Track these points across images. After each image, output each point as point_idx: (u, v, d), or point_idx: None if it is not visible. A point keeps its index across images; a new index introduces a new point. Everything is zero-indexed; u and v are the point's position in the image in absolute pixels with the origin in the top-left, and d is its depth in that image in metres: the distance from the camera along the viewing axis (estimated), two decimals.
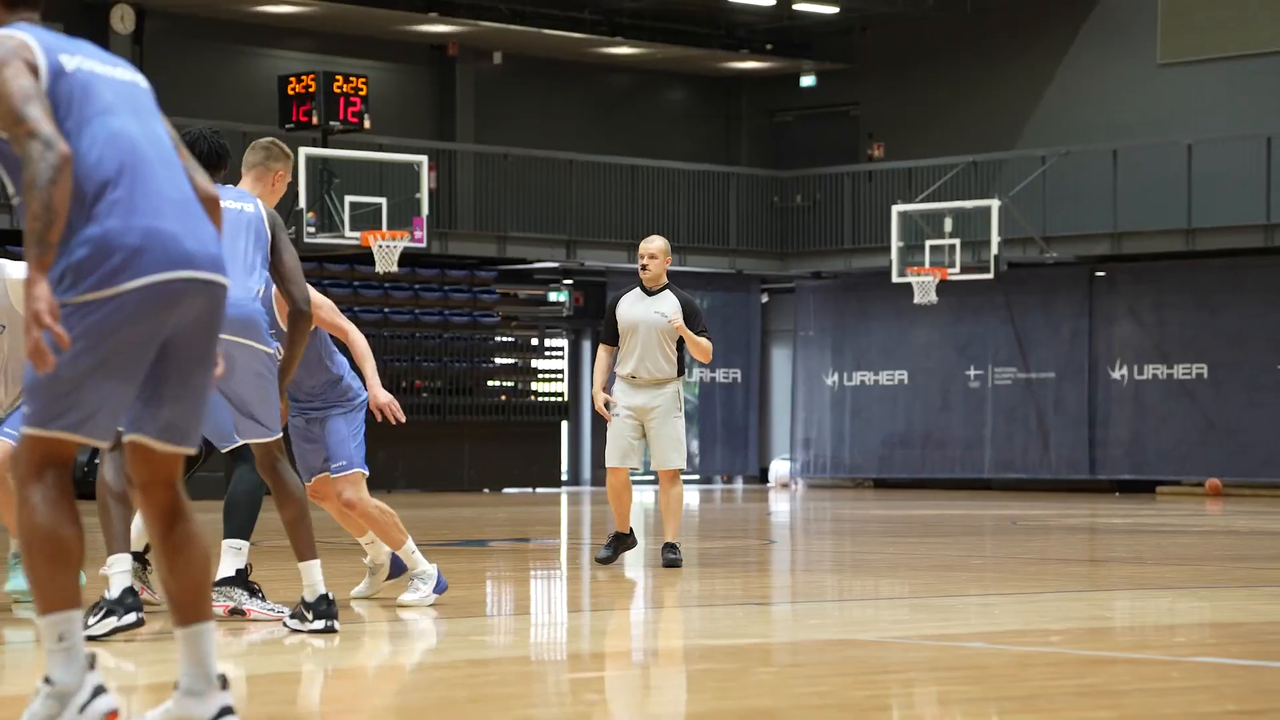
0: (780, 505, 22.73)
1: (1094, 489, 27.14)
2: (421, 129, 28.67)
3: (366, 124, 23.65)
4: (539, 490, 27.03)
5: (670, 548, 11.06)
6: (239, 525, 7.89)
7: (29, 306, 4.11)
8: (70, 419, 4.24)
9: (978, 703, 5.65)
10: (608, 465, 11.11)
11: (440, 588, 8.37)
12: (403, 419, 8.55)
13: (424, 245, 23.37)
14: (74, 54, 4.34)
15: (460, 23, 27.73)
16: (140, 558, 7.75)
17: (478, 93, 29.39)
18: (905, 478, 28.91)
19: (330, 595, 7.20)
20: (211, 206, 4.45)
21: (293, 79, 23.67)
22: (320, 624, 7.13)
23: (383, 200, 23.09)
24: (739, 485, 29.86)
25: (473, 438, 26.56)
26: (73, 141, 4.24)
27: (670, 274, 11.54)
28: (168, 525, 4.38)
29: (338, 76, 23.65)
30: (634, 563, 11.89)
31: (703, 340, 11.12)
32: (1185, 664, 6.62)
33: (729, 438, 30.12)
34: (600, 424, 33.18)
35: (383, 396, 8.43)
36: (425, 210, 23.34)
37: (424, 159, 23.60)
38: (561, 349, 29.67)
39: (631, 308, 11.16)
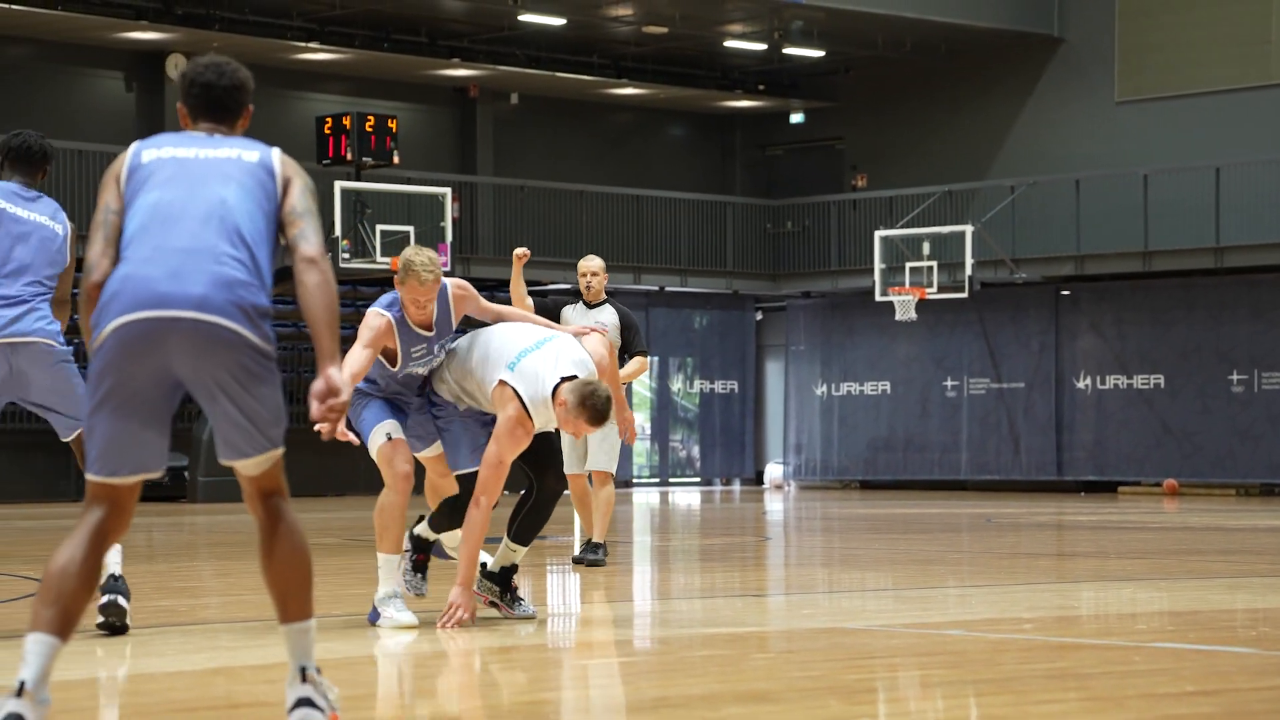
0: (774, 505, 22.68)
1: (1061, 489, 27.07)
2: (446, 163, 28.68)
3: (396, 159, 23.67)
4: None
5: (593, 547, 10.57)
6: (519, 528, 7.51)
7: None
8: (90, 460, 4.23)
9: (956, 685, 5.61)
10: (565, 473, 10.82)
11: None
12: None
13: (448, 269, 23.38)
14: (163, 147, 4.42)
15: (480, 67, 27.75)
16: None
17: (496, 130, 29.40)
18: (888, 479, 28.85)
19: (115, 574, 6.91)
20: (305, 265, 4.30)
21: (329, 119, 23.69)
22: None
23: (411, 228, 23.09)
24: (736, 487, 29.81)
25: None
26: (127, 219, 4.35)
27: (672, 294, 11.41)
28: (264, 532, 4.34)
29: (370, 116, 23.67)
30: (641, 559, 11.85)
31: (629, 368, 10.62)
32: (1146, 649, 6.58)
33: (727, 443, 30.07)
34: None
35: None
36: (449, 237, 23.34)
37: (448, 190, 23.60)
38: None
39: (575, 320, 10.80)
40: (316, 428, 4.37)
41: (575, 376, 7.14)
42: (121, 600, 6.78)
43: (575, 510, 10.90)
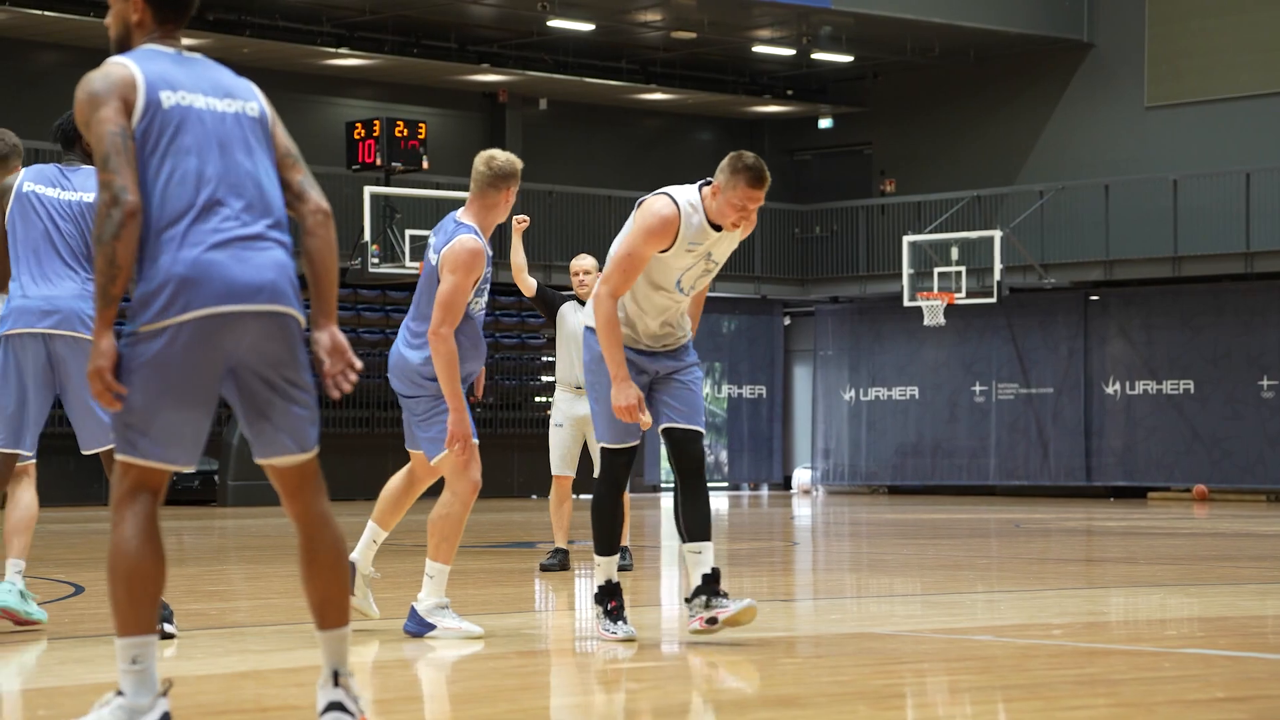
0: (802, 510, 22.65)
1: (1090, 494, 26.97)
2: None
3: (425, 164, 23.71)
4: (581, 496, 26.99)
5: (621, 552, 10.47)
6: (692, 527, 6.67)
7: (92, 361, 4.10)
8: (144, 447, 4.15)
9: (985, 691, 5.59)
10: (555, 473, 10.55)
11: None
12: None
13: None
14: (177, 89, 4.24)
15: (509, 72, 27.78)
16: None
17: (525, 135, 29.43)
18: (916, 484, 28.78)
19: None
20: (323, 218, 4.32)
21: (359, 124, 23.75)
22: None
23: None
24: (764, 492, 29.77)
25: (521, 448, 26.55)
26: (151, 175, 4.17)
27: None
28: (302, 534, 4.29)
29: (399, 122, 23.73)
30: (670, 561, 11.84)
31: None
32: (1176, 655, 6.55)
33: (755, 448, 30.04)
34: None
35: None
36: None
37: None
38: None
39: (574, 317, 10.70)
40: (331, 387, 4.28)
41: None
42: (169, 627, 6.78)
43: (551, 512, 10.66)
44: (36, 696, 5.59)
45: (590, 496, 7.04)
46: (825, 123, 31.30)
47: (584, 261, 10.83)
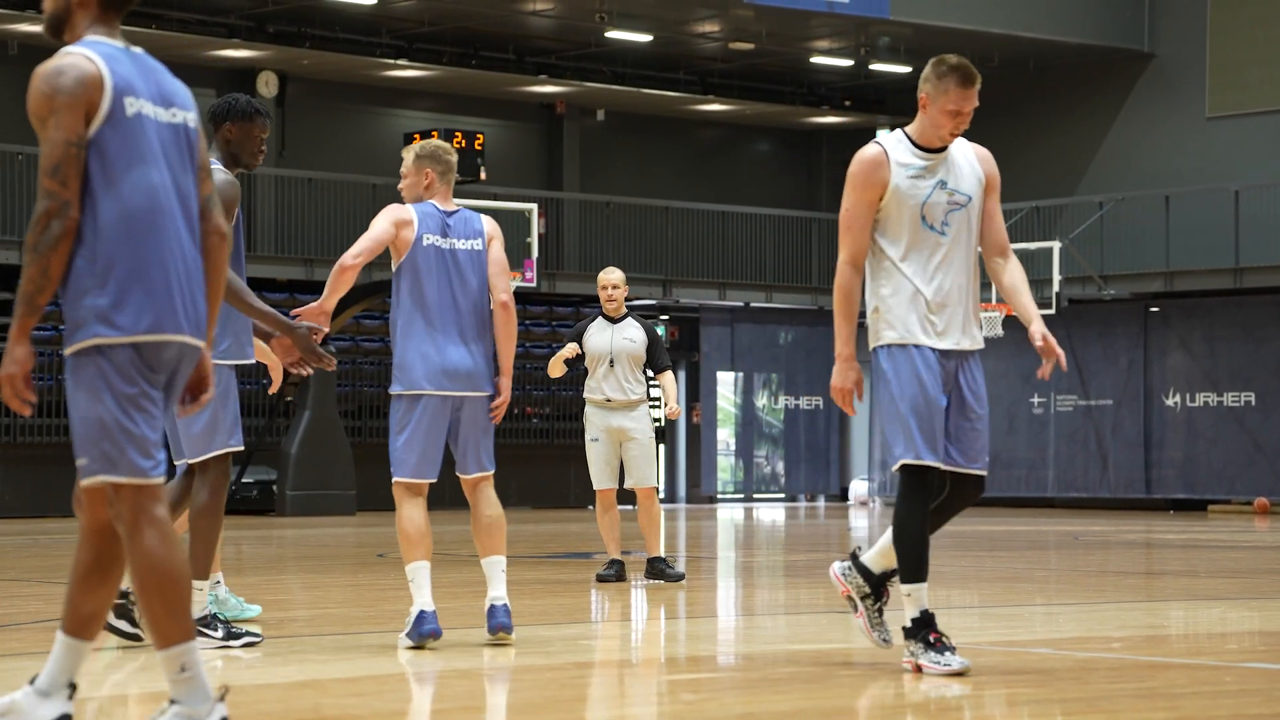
0: (859, 521, 22.57)
1: (1150, 507, 26.77)
2: (532, 179, 28.80)
3: (483, 175, 23.80)
4: (622, 507, 26.97)
5: (661, 560, 10.59)
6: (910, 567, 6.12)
7: (5, 366, 4.02)
8: (125, 464, 4.11)
9: (1044, 704, 5.56)
10: (597, 488, 10.64)
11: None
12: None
13: (534, 284, 23.47)
14: (138, 96, 4.15)
15: (567, 84, 27.86)
16: None
17: (582, 146, 29.50)
18: None
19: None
20: (219, 240, 4.31)
21: (417, 135, 23.88)
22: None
23: None
24: (821, 503, 29.70)
25: (578, 459, 26.53)
26: (111, 184, 4.10)
27: (758, 310, 11.29)
28: (106, 545, 4.24)
29: (457, 133, 23.83)
30: (725, 574, 11.82)
31: (671, 391, 10.79)
32: (1237, 669, 6.49)
33: (812, 459, 29.97)
34: (694, 447, 32.68)
35: None
36: (535, 253, 23.43)
37: (534, 206, 23.71)
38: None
39: (600, 334, 10.70)
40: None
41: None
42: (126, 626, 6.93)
43: (599, 525, 10.72)
44: (107, 705, 5.63)
45: (632, 507, 7.07)
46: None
47: (612, 275, 10.76)
